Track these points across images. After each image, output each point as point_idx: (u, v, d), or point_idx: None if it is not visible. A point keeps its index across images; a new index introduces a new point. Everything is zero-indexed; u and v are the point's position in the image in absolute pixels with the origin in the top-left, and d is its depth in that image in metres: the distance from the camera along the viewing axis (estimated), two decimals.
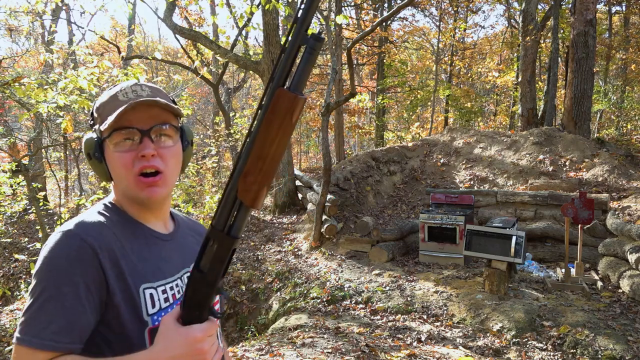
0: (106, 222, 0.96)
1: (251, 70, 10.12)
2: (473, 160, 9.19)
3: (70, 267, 0.87)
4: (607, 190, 7.32)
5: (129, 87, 1.00)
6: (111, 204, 1.03)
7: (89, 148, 1.00)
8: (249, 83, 21.06)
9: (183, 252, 1.09)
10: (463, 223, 6.31)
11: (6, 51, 18.36)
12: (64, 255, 0.88)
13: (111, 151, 0.98)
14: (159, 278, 0.99)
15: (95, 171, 1.02)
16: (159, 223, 1.07)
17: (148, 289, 0.96)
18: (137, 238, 1.00)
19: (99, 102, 1.02)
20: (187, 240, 1.13)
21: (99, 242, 0.91)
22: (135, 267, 0.95)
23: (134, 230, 1.00)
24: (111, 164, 0.99)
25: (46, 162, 12.45)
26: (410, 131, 17.46)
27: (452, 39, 15.96)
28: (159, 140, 0.99)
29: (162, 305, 0.97)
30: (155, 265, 0.99)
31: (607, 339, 4.05)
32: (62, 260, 0.88)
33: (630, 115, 15.19)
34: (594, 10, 9.88)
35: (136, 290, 0.93)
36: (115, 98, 0.99)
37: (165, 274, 1.01)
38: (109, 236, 0.94)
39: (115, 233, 0.96)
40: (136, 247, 0.98)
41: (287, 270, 6.83)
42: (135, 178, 0.97)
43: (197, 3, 9.28)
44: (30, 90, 4.59)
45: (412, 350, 4.04)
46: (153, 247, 1.02)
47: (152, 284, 0.97)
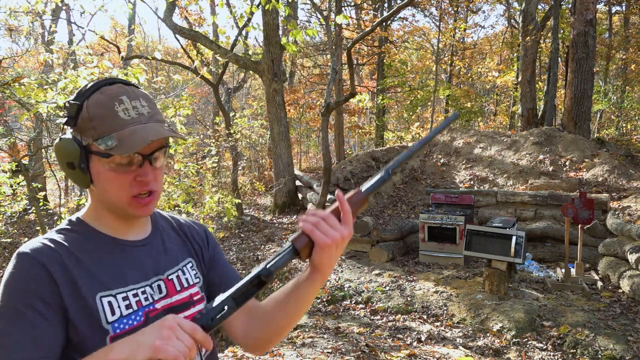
0: (62, 239, 0.95)
1: (251, 70, 10.13)
2: (473, 160, 9.19)
3: (24, 286, 0.87)
4: (607, 190, 7.32)
5: (129, 102, 0.94)
6: (76, 219, 1.01)
7: (72, 157, 0.94)
8: (249, 83, 21.05)
9: (157, 257, 1.05)
10: (463, 223, 6.31)
11: (6, 51, 18.36)
12: (16, 276, 0.88)
13: (104, 169, 0.93)
14: (120, 285, 0.95)
15: (74, 179, 0.97)
16: (133, 231, 1.04)
17: (106, 297, 0.93)
18: (98, 249, 0.97)
19: (92, 109, 0.93)
20: (167, 244, 1.09)
21: (48, 258, 0.90)
22: (92, 277, 0.93)
23: (96, 242, 0.98)
24: (102, 181, 0.95)
25: (46, 162, 12.43)
26: (410, 131, 17.46)
27: (452, 39, 15.97)
28: (155, 161, 0.98)
29: (123, 312, 0.94)
30: (116, 272, 0.96)
31: (607, 339, 4.05)
32: (16, 281, 0.88)
33: (630, 115, 15.20)
34: (594, 10, 9.88)
35: (92, 299, 0.91)
36: (114, 112, 0.92)
37: (128, 281, 0.97)
38: (60, 252, 0.92)
39: (70, 248, 0.94)
40: (95, 258, 0.96)
41: (287, 270, 6.83)
42: (130, 199, 0.96)
43: (197, 3, 9.27)
44: (30, 90, 4.59)
45: (412, 350, 4.04)
46: (118, 254, 0.99)
47: (110, 292, 0.94)
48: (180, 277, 1.06)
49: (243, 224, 9.17)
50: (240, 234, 8.72)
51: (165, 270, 1.04)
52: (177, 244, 1.11)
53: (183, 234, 1.15)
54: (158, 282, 1.02)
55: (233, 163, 10.50)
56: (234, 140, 10.28)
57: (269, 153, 13.70)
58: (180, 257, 1.09)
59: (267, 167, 13.67)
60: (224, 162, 13.06)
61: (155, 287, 1.01)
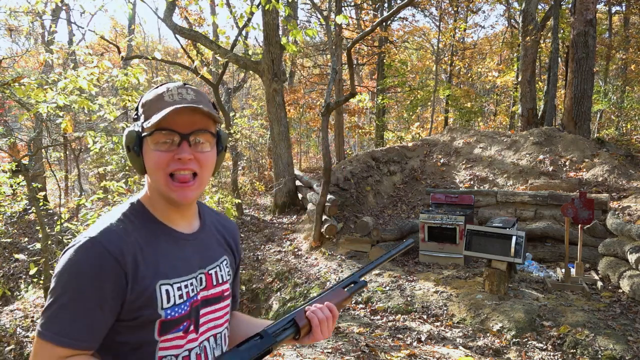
0: (128, 226, 1.02)
1: (251, 70, 10.13)
2: (473, 160, 9.19)
3: (92, 274, 0.94)
4: (607, 190, 7.32)
5: (175, 89, 1.05)
6: (138, 203, 1.08)
7: (130, 141, 1.04)
8: (249, 83, 21.05)
9: (203, 252, 1.13)
10: (463, 223, 6.31)
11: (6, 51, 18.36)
12: (87, 262, 0.95)
13: (150, 149, 1.02)
14: (175, 276, 1.04)
15: (132, 163, 1.06)
16: (184, 222, 1.11)
17: (164, 285, 1.02)
18: (158, 238, 1.05)
19: (145, 99, 1.06)
20: (211, 240, 1.18)
21: (120, 249, 0.97)
22: (155, 265, 1.01)
23: (155, 231, 1.06)
24: (147, 160, 1.04)
25: (46, 162, 12.43)
26: (410, 131, 17.46)
27: (452, 39, 15.96)
28: (196, 145, 1.04)
29: (177, 301, 1.03)
30: (172, 263, 1.05)
31: (607, 339, 4.05)
32: (86, 267, 0.94)
33: (630, 115, 15.19)
34: (594, 10, 9.88)
35: (153, 286, 1.00)
36: (161, 98, 1.04)
37: (181, 273, 1.06)
38: (129, 243, 1.00)
39: (136, 237, 1.01)
40: (157, 247, 1.04)
41: (287, 270, 6.83)
42: (165, 178, 1.03)
43: (197, 3, 9.27)
44: (30, 90, 4.59)
45: (412, 350, 4.04)
46: (173, 246, 1.07)
47: (168, 281, 1.02)
48: (217, 273, 1.15)
49: (243, 224, 9.17)
50: (240, 234, 8.72)
51: (207, 265, 1.13)
52: (218, 242, 1.20)
53: (224, 232, 1.24)
54: (200, 275, 1.10)
55: (233, 163, 10.50)
56: (234, 140, 10.28)
57: (269, 153, 13.70)
58: (219, 254, 1.18)
59: (267, 167, 13.67)
60: (224, 162, 13.04)
61: (198, 279, 1.09)
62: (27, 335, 6.18)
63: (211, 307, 1.11)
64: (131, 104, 5.83)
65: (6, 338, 6.02)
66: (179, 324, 1.03)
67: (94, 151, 7.15)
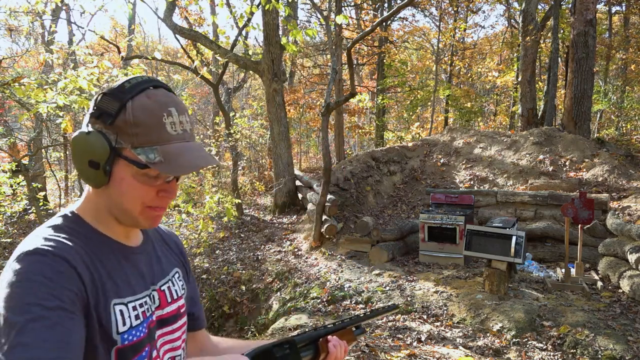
0: (74, 239, 0.87)
1: (251, 70, 10.13)
2: (473, 160, 9.19)
3: (48, 281, 0.77)
4: (607, 190, 7.32)
5: (177, 116, 0.89)
6: (74, 215, 0.92)
7: (98, 157, 0.86)
8: (249, 83, 21.05)
9: (152, 266, 1.01)
10: (463, 223, 6.31)
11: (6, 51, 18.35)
12: (37, 272, 0.78)
13: (129, 176, 0.88)
14: (129, 294, 0.91)
15: (87, 176, 0.89)
16: (130, 236, 0.98)
17: (118, 304, 0.88)
18: (104, 252, 0.91)
19: (139, 113, 0.86)
20: (157, 252, 1.05)
21: (71, 255, 0.83)
22: (106, 281, 0.87)
23: (102, 245, 0.91)
24: (123, 187, 0.88)
25: (46, 162, 12.45)
26: (410, 131, 17.46)
27: (452, 39, 15.97)
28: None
29: (133, 323, 0.89)
30: (124, 280, 0.91)
31: (607, 339, 4.05)
32: (38, 277, 0.77)
33: (630, 115, 15.20)
34: (594, 10, 9.88)
35: (107, 306, 0.86)
36: (161, 124, 0.87)
37: (135, 290, 0.93)
38: (79, 249, 0.85)
39: (85, 251, 0.86)
40: (106, 261, 0.90)
41: (287, 270, 6.83)
42: (143, 209, 0.91)
43: (197, 3, 9.28)
44: (30, 90, 4.59)
45: (412, 350, 4.04)
46: (122, 261, 0.93)
47: (122, 300, 0.89)
48: (170, 288, 1.02)
49: (243, 224, 9.17)
50: (240, 234, 8.72)
51: (159, 281, 1.00)
52: (164, 254, 1.07)
53: (168, 241, 1.12)
54: (153, 292, 0.98)
55: (233, 163, 10.49)
56: (234, 140, 10.28)
57: (269, 153, 13.70)
58: (169, 267, 1.06)
59: (267, 167, 13.66)
60: (224, 162, 13.06)
61: (151, 297, 0.97)
62: None
63: (167, 327, 0.99)
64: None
65: None
66: (139, 351, 0.89)
67: None
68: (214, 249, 8.10)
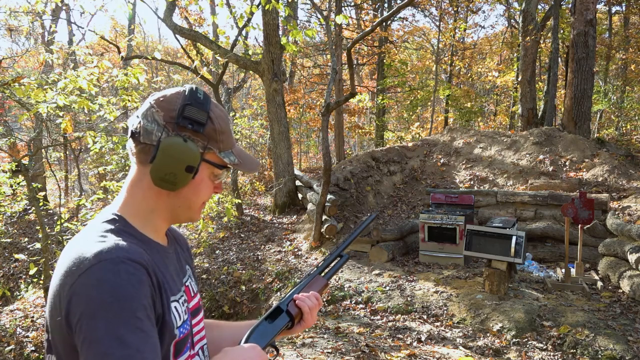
0: (134, 239, 0.94)
1: (251, 70, 10.12)
2: (473, 160, 9.19)
3: (136, 292, 0.84)
4: (607, 190, 7.32)
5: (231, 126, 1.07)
6: (120, 218, 0.98)
7: (193, 162, 0.97)
8: (249, 83, 21.06)
9: (178, 264, 1.08)
10: (463, 223, 6.31)
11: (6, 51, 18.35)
12: (126, 281, 0.84)
13: (205, 177, 1.02)
14: (175, 291, 0.99)
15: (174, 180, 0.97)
16: (163, 237, 1.06)
17: (173, 302, 0.96)
18: (154, 253, 0.97)
19: (220, 122, 1.01)
20: (177, 251, 1.12)
21: (145, 261, 0.89)
22: (163, 282, 0.94)
23: (150, 246, 0.98)
24: (200, 187, 1.02)
25: (46, 162, 12.44)
26: (410, 131, 17.46)
27: (452, 39, 15.96)
28: None
29: (183, 317, 0.98)
30: (170, 278, 0.99)
31: (607, 339, 4.05)
32: (129, 288, 0.83)
33: (630, 115, 15.19)
34: (594, 10, 9.88)
35: (168, 304, 0.94)
36: (231, 130, 1.05)
37: (178, 287, 1.01)
38: (144, 254, 0.92)
39: (145, 250, 0.94)
40: (157, 263, 0.96)
41: (287, 270, 6.83)
42: (202, 205, 1.06)
43: (197, 3, 9.27)
44: (30, 90, 4.59)
45: (412, 350, 4.04)
46: (164, 261, 1.01)
47: (174, 297, 0.98)
48: (190, 284, 1.10)
49: (243, 224, 9.17)
50: (240, 234, 8.72)
51: (183, 277, 1.08)
52: (179, 252, 1.14)
53: (180, 242, 1.18)
54: (183, 287, 1.05)
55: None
56: None
57: (269, 153, 13.70)
58: (185, 264, 1.13)
59: (267, 167, 13.66)
60: None
61: (182, 292, 1.04)
62: (27, 335, 6.18)
63: (195, 319, 1.06)
64: (131, 104, 5.83)
65: (6, 338, 6.02)
66: (186, 343, 0.99)
67: (94, 151, 7.15)
68: (214, 249, 8.10)
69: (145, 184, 0.99)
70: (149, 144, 0.97)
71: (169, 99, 1.00)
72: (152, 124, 0.97)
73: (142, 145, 0.98)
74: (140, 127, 0.98)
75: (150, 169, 0.96)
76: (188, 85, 1.03)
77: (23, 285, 8.51)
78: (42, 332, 5.77)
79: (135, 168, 1.01)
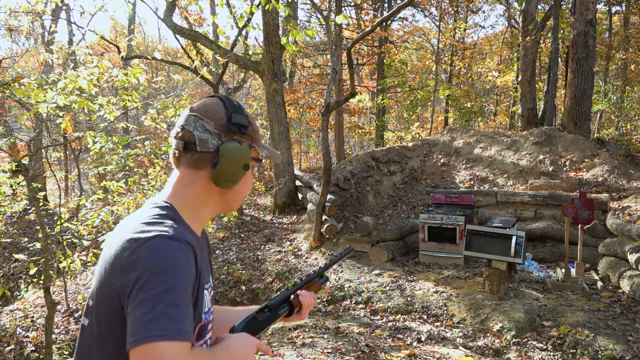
0: (183, 225, 1.05)
1: (251, 70, 10.12)
2: (473, 160, 9.19)
3: (186, 267, 0.94)
4: (607, 190, 7.32)
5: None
6: (171, 207, 1.07)
7: (247, 160, 1.11)
8: (249, 83, 21.05)
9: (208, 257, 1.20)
10: (463, 223, 6.31)
11: (6, 51, 18.35)
12: (178, 257, 0.94)
13: (250, 171, 1.15)
14: (207, 280, 1.11)
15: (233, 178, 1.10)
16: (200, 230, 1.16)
17: (206, 289, 1.08)
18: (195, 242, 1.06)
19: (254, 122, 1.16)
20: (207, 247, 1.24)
21: (193, 243, 1.00)
22: (201, 267, 1.04)
23: (192, 234, 1.08)
24: (247, 181, 1.15)
25: (46, 162, 12.44)
26: (410, 131, 17.46)
27: (452, 39, 15.96)
28: None
29: (209, 304, 1.10)
30: (205, 267, 1.09)
31: (607, 339, 4.05)
32: (179, 262, 0.93)
33: (630, 115, 15.19)
34: (594, 10, 9.88)
35: (202, 289, 1.04)
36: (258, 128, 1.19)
37: (209, 276, 1.14)
38: (192, 239, 1.03)
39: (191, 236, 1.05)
40: (197, 250, 1.04)
41: (287, 270, 6.83)
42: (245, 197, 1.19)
43: (197, 3, 9.26)
44: (30, 90, 4.59)
45: (412, 350, 4.04)
46: (202, 251, 1.10)
47: (206, 284, 1.09)
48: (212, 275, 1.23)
49: (243, 224, 9.17)
50: (240, 234, 8.72)
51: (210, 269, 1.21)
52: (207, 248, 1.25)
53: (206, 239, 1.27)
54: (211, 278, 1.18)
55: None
56: None
57: None
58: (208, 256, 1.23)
59: (267, 167, 13.66)
60: None
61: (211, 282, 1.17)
62: (27, 335, 6.18)
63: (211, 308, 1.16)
64: (131, 104, 5.83)
65: (6, 338, 6.02)
66: (207, 329, 1.09)
67: (94, 151, 7.16)
68: (214, 249, 8.10)
69: (200, 185, 1.10)
70: (206, 152, 1.08)
71: (212, 109, 1.11)
72: (205, 134, 1.08)
73: (199, 154, 1.08)
74: (195, 138, 1.08)
75: (213, 173, 1.08)
76: (217, 95, 1.16)
77: (23, 285, 8.51)
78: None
79: (184, 172, 1.11)
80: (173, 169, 1.15)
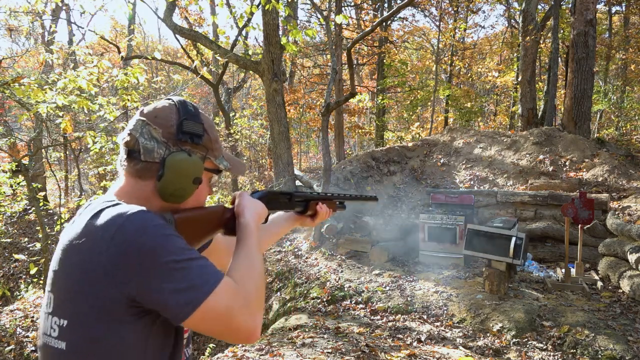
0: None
1: (251, 70, 10.12)
2: (473, 160, 9.19)
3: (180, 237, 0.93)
4: (607, 190, 7.32)
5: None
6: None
7: (199, 173, 1.03)
8: (249, 83, 21.05)
9: None
10: (463, 223, 6.31)
11: (6, 51, 18.35)
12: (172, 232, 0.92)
13: (205, 184, 1.07)
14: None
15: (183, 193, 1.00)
16: None
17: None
18: None
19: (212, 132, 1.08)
20: None
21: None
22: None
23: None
24: (202, 192, 1.08)
25: (46, 162, 12.44)
26: (410, 131, 17.45)
27: (452, 39, 15.96)
28: None
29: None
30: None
31: (607, 339, 4.05)
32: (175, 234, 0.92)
33: (630, 115, 15.19)
34: (594, 10, 9.88)
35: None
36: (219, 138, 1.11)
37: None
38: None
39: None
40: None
41: (287, 270, 6.83)
42: None
43: (197, 3, 9.26)
44: (30, 90, 4.59)
45: (412, 350, 4.04)
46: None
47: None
48: None
49: None
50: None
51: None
52: None
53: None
54: None
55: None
56: (234, 140, 10.28)
57: (269, 153, 13.70)
58: None
59: (267, 167, 13.66)
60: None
61: None
62: (27, 335, 6.18)
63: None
64: (131, 104, 5.83)
65: (6, 338, 6.02)
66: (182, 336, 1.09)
67: (94, 151, 7.15)
68: None
69: (144, 197, 0.99)
70: (150, 162, 0.97)
71: (163, 114, 1.00)
72: (151, 142, 0.97)
73: (143, 164, 0.97)
74: (139, 146, 0.97)
75: (158, 187, 0.97)
76: (174, 97, 1.04)
77: (23, 285, 8.51)
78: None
79: (127, 181, 1.00)
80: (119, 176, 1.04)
